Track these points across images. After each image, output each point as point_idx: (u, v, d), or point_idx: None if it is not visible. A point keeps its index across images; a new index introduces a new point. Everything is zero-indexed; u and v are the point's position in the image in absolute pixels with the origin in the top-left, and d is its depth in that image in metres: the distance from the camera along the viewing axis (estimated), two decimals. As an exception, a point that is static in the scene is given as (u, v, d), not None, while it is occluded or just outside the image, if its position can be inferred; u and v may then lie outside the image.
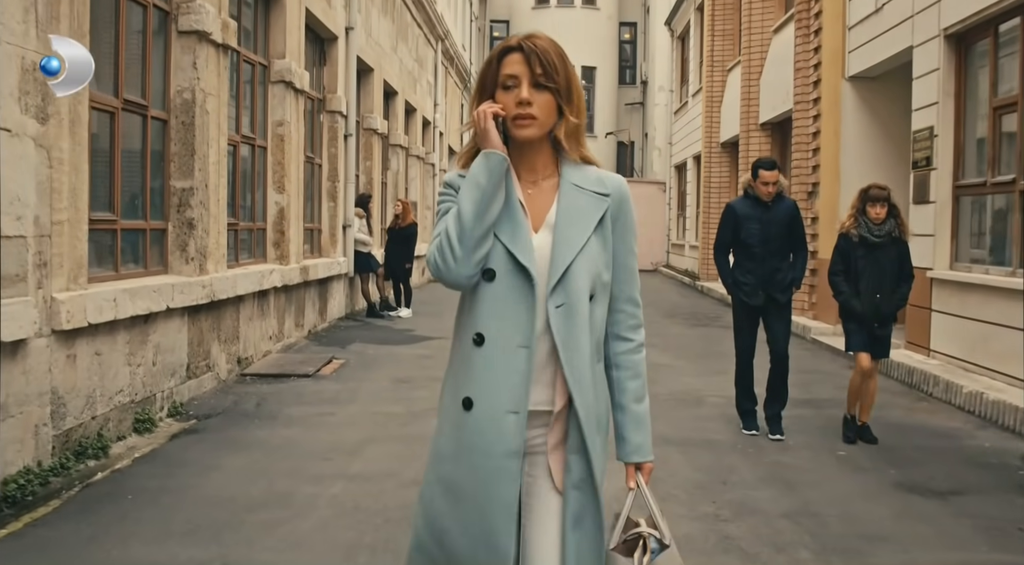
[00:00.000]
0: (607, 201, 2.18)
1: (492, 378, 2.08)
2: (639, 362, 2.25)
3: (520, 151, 2.18)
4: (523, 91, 2.10)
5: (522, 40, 2.14)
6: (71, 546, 4.30)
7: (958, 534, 4.67)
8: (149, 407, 6.72)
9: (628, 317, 2.25)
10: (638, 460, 2.21)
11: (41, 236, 5.23)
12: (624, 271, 2.24)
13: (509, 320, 2.08)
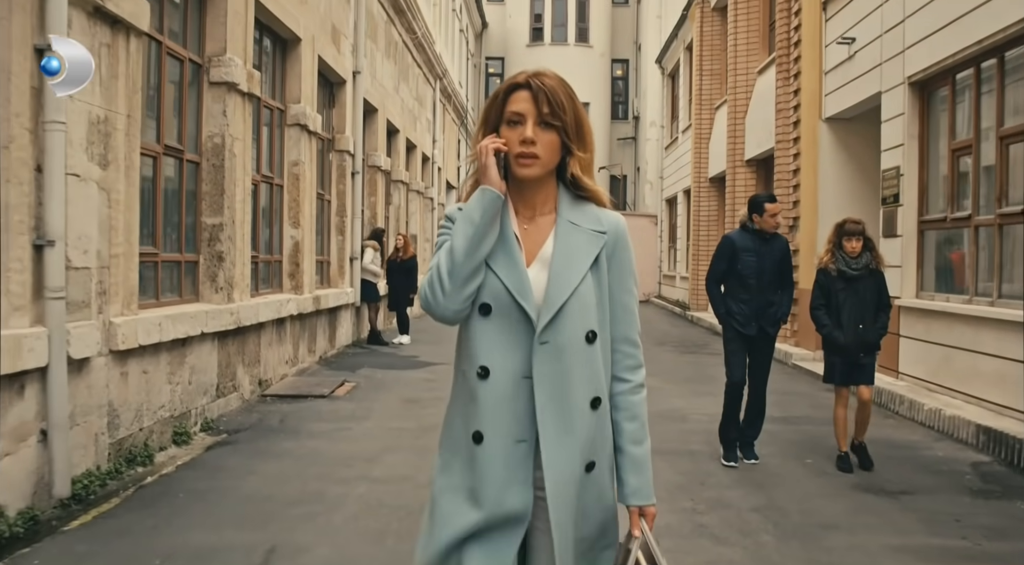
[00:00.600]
0: (603, 239, 2.17)
1: (499, 410, 2.08)
2: (637, 403, 2.22)
3: (520, 186, 2.18)
4: (528, 129, 2.10)
5: (530, 77, 2.14)
6: (138, 533, 5.01)
7: (902, 524, 5.40)
8: (185, 422, 7.43)
9: (625, 357, 2.23)
10: (638, 503, 2.18)
11: (102, 267, 5.98)
12: (621, 310, 2.22)
13: (510, 353, 2.08)
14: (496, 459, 2.08)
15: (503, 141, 2.10)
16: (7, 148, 4.97)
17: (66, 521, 5.19)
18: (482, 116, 2.21)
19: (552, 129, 2.11)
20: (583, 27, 37.75)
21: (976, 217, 8.89)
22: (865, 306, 6.75)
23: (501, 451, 2.08)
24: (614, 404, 2.20)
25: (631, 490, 2.18)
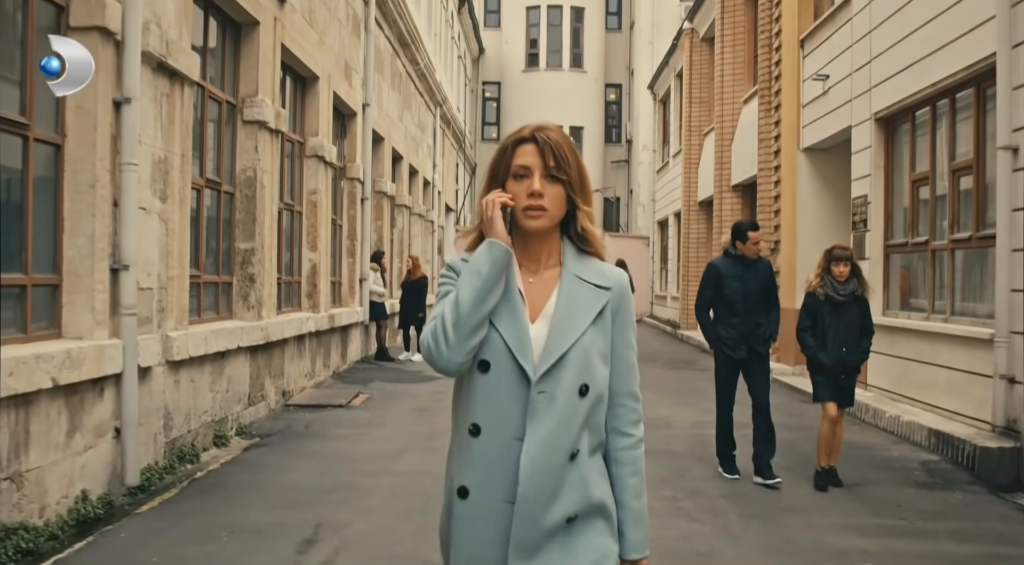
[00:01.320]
0: (607, 295, 2.18)
1: (488, 469, 2.08)
2: (638, 458, 2.24)
3: (525, 240, 2.19)
4: (535, 182, 2.12)
5: (535, 132, 2.17)
6: (203, 514, 5.91)
7: (850, 509, 6.32)
8: (223, 426, 8.33)
9: (628, 412, 2.23)
10: (637, 557, 2.20)
11: (161, 288, 6.89)
12: (623, 365, 2.23)
13: (505, 412, 2.07)
14: (476, 518, 2.08)
15: (509, 196, 2.12)
16: (93, 187, 5.90)
17: (136, 506, 6.08)
18: (489, 170, 2.22)
19: (558, 183, 2.14)
20: (577, 53, 38.79)
21: (932, 242, 9.85)
22: (849, 331, 7.02)
23: (484, 509, 2.08)
24: (616, 459, 2.21)
25: (632, 545, 2.19)
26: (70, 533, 5.39)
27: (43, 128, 5.69)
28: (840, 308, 7.02)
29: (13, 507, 5.04)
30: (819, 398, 7.12)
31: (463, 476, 2.11)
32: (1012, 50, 7.73)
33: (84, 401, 5.79)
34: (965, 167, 9.11)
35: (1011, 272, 7.73)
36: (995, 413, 7.94)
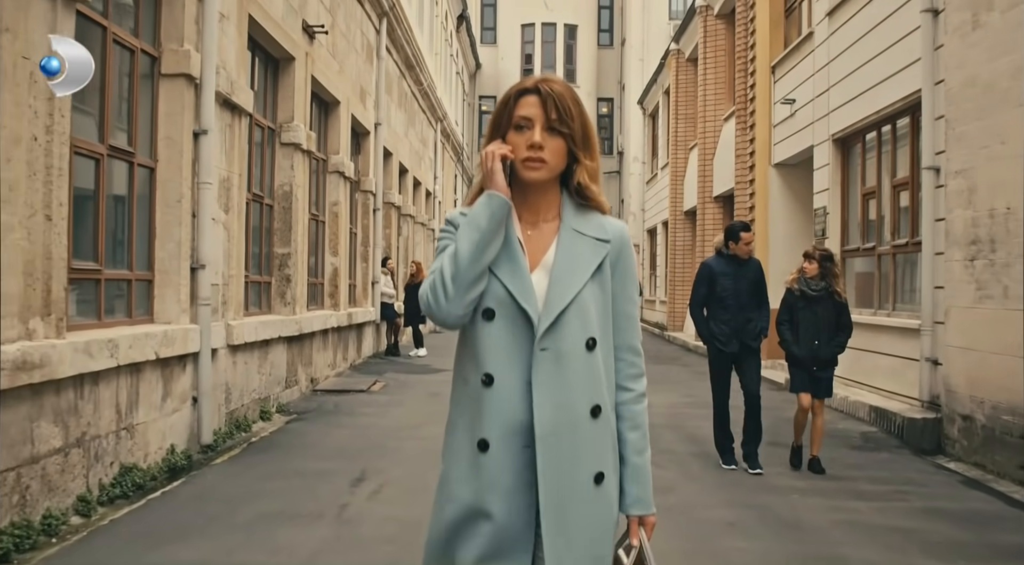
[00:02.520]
0: (607, 247, 2.16)
1: (505, 417, 2.05)
2: (640, 413, 2.20)
3: (524, 192, 2.17)
4: (536, 134, 2.09)
5: (539, 82, 2.13)
6: (269, 462, 7.35)
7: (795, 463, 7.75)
8: (267, 404, 9.76)
9: (628, 366, 2.21)
10: (639, 513, 2.16)
11: (224, 285, 8.33)
12: (623, 319, 2.20)
13: (515, 359, 2.06)
14: (504, 466, 2.05)
15: (509, 147, 2.09)
16: (179, 202, 7.35)
17: (210, 460, 7.50)
18: (491, 121, 2.19)
19: (559, 135, 2.11)
20: (570, 68, 40.33)
21: (879, 247, 11.32)
22: (821, 325, 7.43)
23: (508, 457, 2.05)
24: (617, 413, 2.17)
25: (633, 499, 2.16)
26: (164, 477, 6.79)
27: (143, 155, 7.13)
28: (813, 303, 7.45)
29: (127, 451, 6.46)
30: (793, 389, 7.67)
31: (480, 429, 2.07)
32: (934, 86, 9.21)
33: (173, 373, 7.23)
34: (903, 183, 10.58)
35: (933, 272, 9.20)
36: (922, 391, 9.41)
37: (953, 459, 8.40)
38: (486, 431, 2.07)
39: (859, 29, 11.58)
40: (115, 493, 6.10)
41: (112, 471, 6.21)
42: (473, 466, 2.09)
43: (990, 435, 7.89)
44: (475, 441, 2.09)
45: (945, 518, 6.17)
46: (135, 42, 6.92)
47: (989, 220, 7.98)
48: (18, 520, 5.02)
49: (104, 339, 5.95)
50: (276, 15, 9.82)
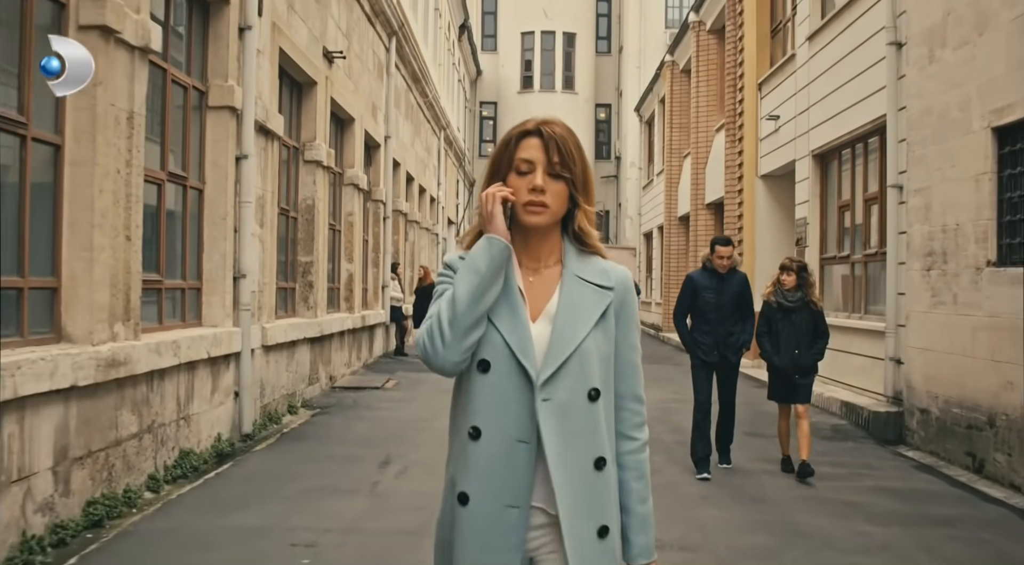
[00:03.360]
0: (611, 295, 2.12)
1: (490, 473, 2.01)
2: (643, 462, 2.18)
3: (525, 237, 2.12)
4: (538, 178, 2.05)
5: (540, 125, 2.10)
6: (301, 450, 8.34)
7: (768, 452, 8.70)
8: (293, 399, 10.74)
9: (632, 415, 2.17)
10: (644, 562, 2.15)
11: (260, 292, 9.31)
12: (627, 367, 2.16)
13: (507, 414, 2.01)
14: (479, 523, 2.02)
15: (510, 190, 2.04)
16: (224, 219, 8.34)
17: (251, 447, 8.48)
18: (491, 162, 2.15)
19: (561, 180, 2.07)
20: (569, 75, 41.35)
21: (852, 256, 12.32)
22: (800, 334, 7.68)
23: (487, 515, 2.02)
24: (621, 463, 2.15)
25: (638, 550, 2.15)
26: (213, 461, 7.77)
27: (193, 179, 8.12)
28: (791, 314, 7.72)
29: (185, 438, 7.45)
30: (770, 396, 8.08)
31: (462, 482, 2.04)
32: (897, 112, 10.20)
33: (220, 370, 8.22)
34: (873, 198, 11.58)
35: (896, 279, 10.19)
36: (886, 387, 10.40)
37: (912, 448, 9.39)
38: (466, 484, 2.04)
39: (835, 55, 12.58)
40: (176, 473, 7.09)
41: (173, 455, 7.20)
42: (452, 519, 2.08)
43: (943, 426, 8.89)
44: (455, 494, 2.06)
45: (891, 495, 7.17)
46: (187, 79, 7.91)
47: (942, 235, 8.98)
48: (107, 493, 6.01)
49: (169, 340, 6.94)
50: (301, 45, 10.80)
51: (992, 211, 8.09)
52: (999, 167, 8.05)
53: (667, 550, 5.30)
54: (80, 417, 5.67)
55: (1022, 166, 7.72)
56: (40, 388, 5.10)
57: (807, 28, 13.87)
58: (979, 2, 8.30)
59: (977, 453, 8.18)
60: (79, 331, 5.79)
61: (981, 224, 8.22)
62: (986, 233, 8.14)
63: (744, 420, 9.99)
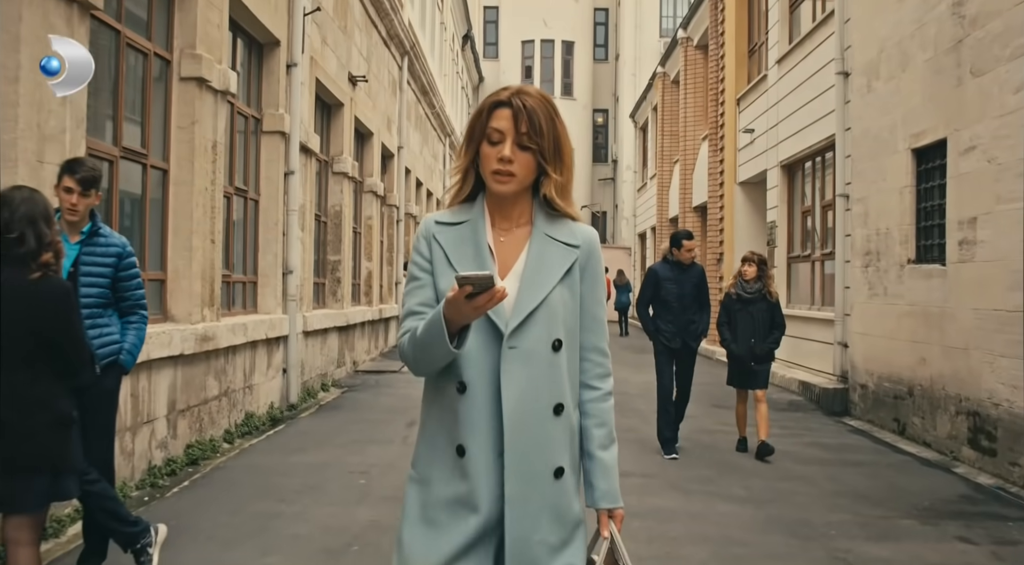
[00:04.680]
0: (576, 252, 2.23)
1: (479, 423, 2.13)
2: (606, 411, 2.28)
3: (497, 198, 2.24)
4: (505, 148, 2.15)
5: (513, 95, 2.18)
6: (339, 417, 10.06)
7: (726, 417, 10.42)
8: (326, 379, 12.46)
9: (595, 366, 2.29)
10: (607, 506, 2.25)
11: (301, 285, 11.02)
12: (591, 321, 2.27)
13: (485, 368, 2.13)
14: (482, 469, 2.13)
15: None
16: (275, 225, 10.06)
17: (297, 415, 10.20)
18: (467, 130, 2.25)
19: (528, 150, 2.16)
20: (568, 82, 43.03)
21: (812, 255, 14.05)
22: (757, 324, 8.19)
23: (484, 462, 2.13)
24: (584, 411, 2.26)
25: (601, 494, 2.25)
26: (268, 424, 9.47)
27: (252, 192, 9.84)
28: (749, 305, 8.24)
29: (248, 403, 9.16)
30: (729, 382, 8.63)
31: (459, 434, 2.15)
32: (844, 132, 11.91)
33: (272, 350, 9.94)
34: (828, 205, 13.31)
35: (843, 275, 11.90)
36: (835, 367, 12.12)
37: (854, 418, 11.11)
38: (462, 437, 2.14)
39: (798, 78, 14.29)
40: (243, 430, 8.80)
41: (240, 416, 8.92)
42: (454, 469, 2.16)
43: (876, 398, 10.60)
44: (454, 446, 2.15)
45: (820, 447, 8.91)
46: (248, 110, 9.64)
47: (876, 237, 10.69)
48: (199, 440, 7.73)
49: (240, 323, 8.67)
50: (331, 73, 12.51)
51: (912, 218, 9.80)
52: (917, 181, 9.76)
53: (630, 477, 6.97)
54: (183, 379, 7.39)
55: (934, 181, 9.41)
56: (161, 354, 6.81)
57: (777, 52, 15.58)
58: (903, 44, 9.99)
59: (901, 418, 9.89)
60: (180, 313, 7.52)
61: (904, 228, 9.93)
62: (907, 236, 9.86)
63: (713, 396, 11.74)
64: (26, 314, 3.31)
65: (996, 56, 7.93)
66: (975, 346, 8.22)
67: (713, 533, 5.73)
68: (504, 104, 2.17)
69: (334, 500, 6.33)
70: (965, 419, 8.38)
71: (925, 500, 6.82)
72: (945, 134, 8.90)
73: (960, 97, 8.58)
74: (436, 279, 2.21)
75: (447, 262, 2.20)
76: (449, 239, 2.23)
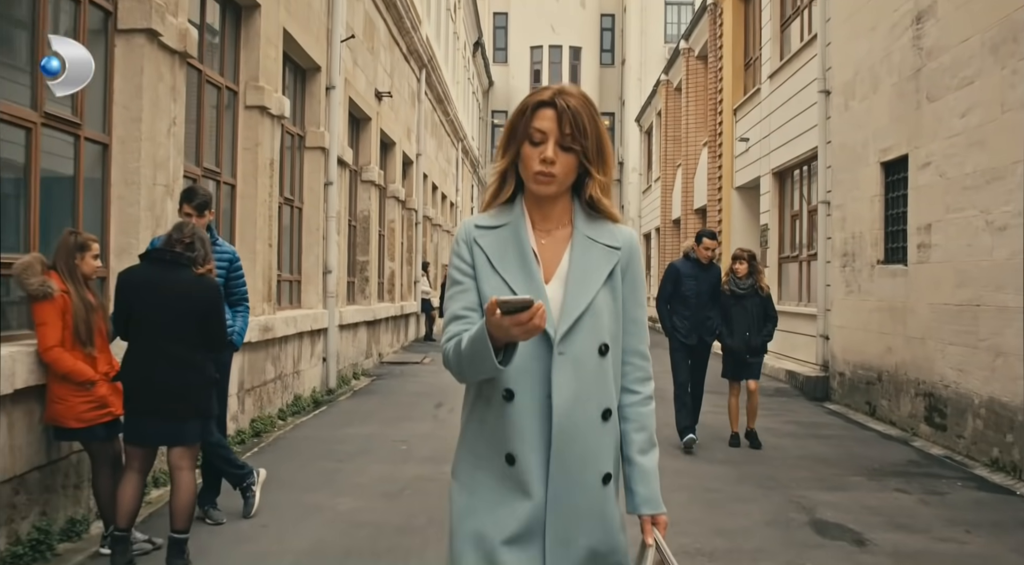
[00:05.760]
0: (618, 254, 2.21)
1: (530, 431, 2.11)
2: (646, 415, 2.25)
3: (538, 199, 2.22)
4: (548, 149, 2.12)
5: (555, 96, 2.16)
6: (373, 399, 11.36)
7: (717, 402, 11.69)
8: (356, 368, 13.78)
9: (636, 369, 2.25)
10: (648, 512, 2.21)
11: (337, 283, 12.32)
12: (632, 324, 2.24)
13: (534, 373, 2.10)
14: (535, 477, 2.11)
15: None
16: (317, 230, 11.37)
17: (336, 398, 11.50)
18: (507, 128, 2.23)
19: (571, 151, 2.14)
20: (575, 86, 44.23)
21: (800, 256, 15.32)
22: (751, 318, 8.48)
23: (537, 470, 2.11)
24: (624, 415, 2.23)
25: (642, 499, 2.21)
26: (312, 406, 10.76)
27: (297, 200, 11.14)
28: (743, 300, 8.54)
29: (296, 387, 10.47)
30: (724, 375, 8.84)
31: (508, 443, 2.12)
32: (825, 145, 13.17)
33: (315, 341, 11.25)
34: (813, 210, 14.56)
35: (824, 274, 13.17)
36: (818, 358, 13.39)
37: (833, 403, 12.38)
38: (511, 445, 2.12)
39: (787, 93, 15.55)
40: (293, 410, 10.11)
41: (290, 397, 10.23)
42: (502, 478, 2.14)
43: (852, 384, 11.88)
44: (503, 455, 2.13)
45: (796, 424, 10.20)
46: (294, 129, 10.95)
47: (852, 240, 11.96)
48: (260, 416, 9.04)
49: (291, 316, 9.99)
50: (361, 90, 13.81)
51: (881, 223, 11.07)
52: (886, 191, 11.02)
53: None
54: (248, 362, 8.69)
55: (899, 191, 10.66)
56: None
57: (769, 67, 16.84)
58: (874, 68, 11.25)
59: (872, 401, 11.16)
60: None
61: (874, 232, 11.20)
62: (877, 239, 11.13)
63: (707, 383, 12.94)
64: (192, 302, 4.65)
65: (946, 85, 9.18)
66: (930, 336, 9.49)
67: (692, 484, 7.03)
68: (547, 104, 2.16)
69: (383, 460, 7.65)
70: (922, 400, 9.64)
71: (876, 464, 8.10)
72: (907, 151, 10.16)
73: (919, 119, 9.84)
74: (480, 283, 2.19)
75: (490, 266, 2.18)
76: (491, 243, 2.21)
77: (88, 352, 4.86)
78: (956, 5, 9.01)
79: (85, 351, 4.84)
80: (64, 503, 5.27)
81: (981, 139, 8.41)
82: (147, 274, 4.71)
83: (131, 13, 6.17)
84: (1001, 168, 8.03)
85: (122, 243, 6.19)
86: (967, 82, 8.75)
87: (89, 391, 4.80)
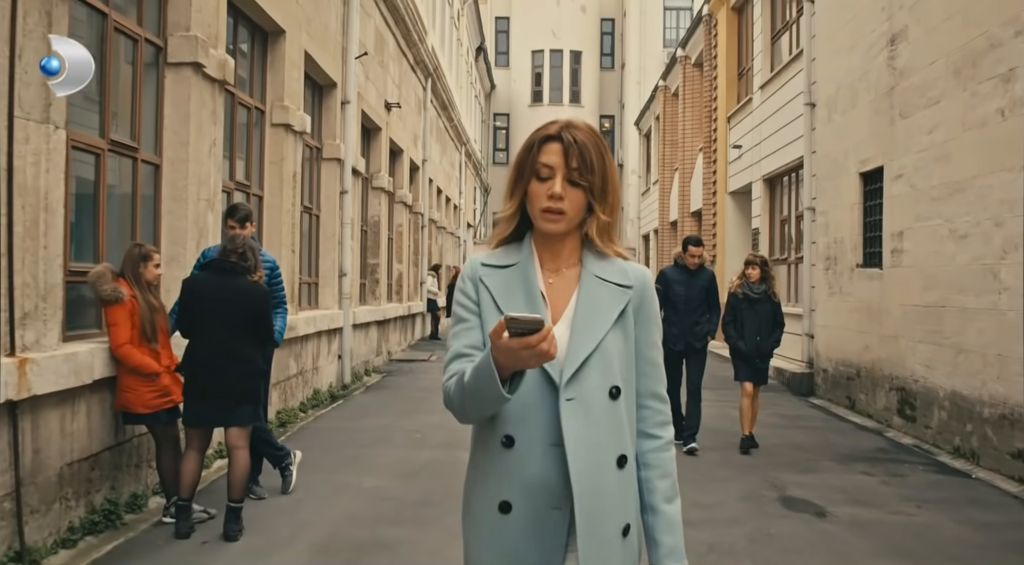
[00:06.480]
0: (629, 293, 2.12)
1: (530, 478, 2.02)
2: (668, 460, 2.16)
3: (546, 237, 2.13)
4: (556, 185, 2.05)
5: (562, 130, 2.10)
6: (385, 394, 12.16)
7: (710, 398, 12.47)
8: (368, 365, 14.58)
9: (654, 413, 2.16)
10: (672, 564, 2.11)
11: (351, 285, 13.11)
12: (647, 365, 2.15)
13: (536, 420, 2.02)
14: (525, 529, 2.03)
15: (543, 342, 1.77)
16: (333, 236, 12.16)
17: (350, 393, 12.29)
18: (515, 166, 2.15)
19: (579, 187, 2.06)
20: (576, 90, 45.11)
21: (788, 259, 16.12)
22: (762, 323, 8.58)
23: (532, 521, 2.02)
24: (645, 462, 2.14)
25: (667, 550, 2.11)
26: (329, 400, 11.56)
27: (315, 209, 11.94)
28: (755, 305, 8.58)
29: (315, 382, 11.26)
30: (738, 378, 8.78)
31: (502, 491, 2.04)
32: (810, 154, 13.96)
33: (331, 339, 12.05)
34: (800, 216, 15.36)
35: (809, 276, 13.97)
36: (804, 355, 14.19)
37: (817, 398, 13.18)
38: (507, 493, 2.03)
39: (777, 104, 16.35)
40: (312, 403, 10.90)
41: (310, 391, 11.03)
42: (494, 531, 2.07)
43: (834, 380, 12.68)
44: (496, 504, 2.05)
45: (778, 415, 10.99)
46: (313, 142, 11.75)
47: (834, 245, 12.76)
48: (284, 408, 9.84)
49: (311, 316, 10.79)
50: (372, 102, 14.61)
51: (860, 229, 11.86)
52: (864, 199, 11.81)
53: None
54: (276, 359, 9.47)
55: (876, 200, 11.45)
56: (264, 339, 8.91)
57: (760, 78, 17.64)
58: (853, 85, 12.05)
59: (851, 396, 11.96)
60: (272, 308, 9.63)
61: (854, 238, 12.00)
62: (856, 244, 11.92)
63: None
64: (247, 305, 5.46)
65: (916, 103, 9.98)
66: (902, 335, 10.29)
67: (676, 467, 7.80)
68: (553, 138, 2.10)
69: (401, 446, 8.46)
70: (895, 394, 10.44)
71: (847, 450, 8.91)
72: (882, 163, 10.95)
73: (892, 134, 10.63)
74: (484, 323, 2.10)
75: (495, 306, 2.10)
76: (497, 282, 2.13)
77: (153, 348, 5.66)
78: (925, 30, 9.80)
79: (150, 347, 5.64)
80: (128, 480, 6.08)
81: (946, 154, 9.21)
82: (208, 281, 5.54)
83: (179, 48, 6.98)
84: (962, 181, 8.82)
85: (171, 252, 6.99)
86: (934, 101, 9.53)
87: (154, 382, 5.61)
